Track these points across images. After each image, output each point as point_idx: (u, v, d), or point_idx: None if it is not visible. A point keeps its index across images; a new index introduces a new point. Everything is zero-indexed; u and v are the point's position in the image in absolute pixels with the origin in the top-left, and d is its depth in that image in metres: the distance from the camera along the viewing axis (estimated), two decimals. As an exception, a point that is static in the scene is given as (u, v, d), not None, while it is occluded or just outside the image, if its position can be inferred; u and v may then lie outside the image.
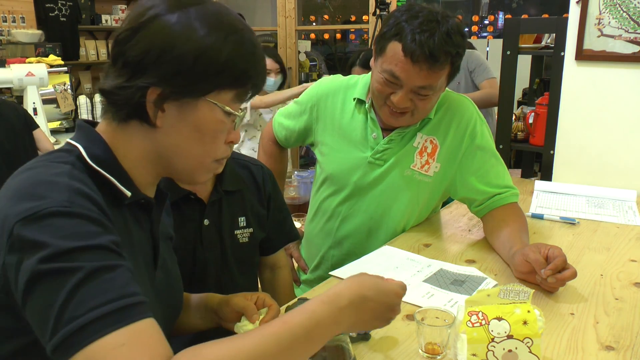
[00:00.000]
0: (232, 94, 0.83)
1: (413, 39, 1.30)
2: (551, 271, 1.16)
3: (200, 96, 0.81)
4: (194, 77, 0.79)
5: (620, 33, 1.98)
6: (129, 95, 0.79)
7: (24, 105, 3.40)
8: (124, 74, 0.79)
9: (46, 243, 0.67)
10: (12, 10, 5.32)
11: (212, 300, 1.10)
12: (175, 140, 0.83)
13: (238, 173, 1.33)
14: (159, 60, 0.77)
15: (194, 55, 0.78)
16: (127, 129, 0.83)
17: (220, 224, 1.28)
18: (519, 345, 0.88)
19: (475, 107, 1.57)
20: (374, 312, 0.85)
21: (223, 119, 0.84)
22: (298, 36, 5.51)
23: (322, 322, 0.77)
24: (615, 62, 2.01)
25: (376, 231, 1.57)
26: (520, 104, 3.80)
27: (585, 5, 2.02)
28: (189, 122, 0.82)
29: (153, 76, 0.78)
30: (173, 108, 0.80)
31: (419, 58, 1.31)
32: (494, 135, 2.72)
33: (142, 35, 0.78)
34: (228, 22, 0.82)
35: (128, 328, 0.66)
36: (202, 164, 0.87)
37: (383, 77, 1.39)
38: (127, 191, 0.82)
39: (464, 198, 1.57)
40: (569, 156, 2.17)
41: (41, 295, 0.67)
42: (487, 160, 1.52)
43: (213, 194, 1.27)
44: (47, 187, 0.72)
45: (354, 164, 1.56)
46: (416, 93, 1.38)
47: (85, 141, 0.82)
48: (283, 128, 1.74)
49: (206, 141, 0.84)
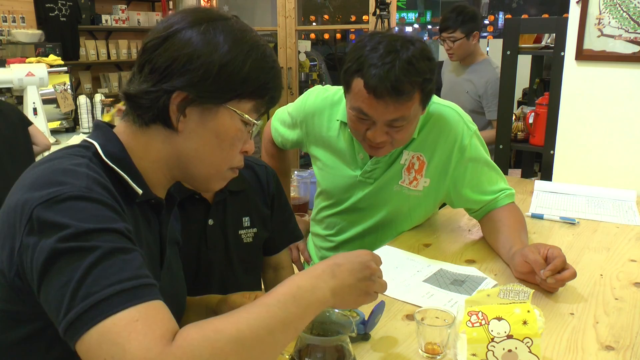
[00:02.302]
0: (251, 104, 0.87)
1: (374, 74, 1.24)
2: (550, 272, 1.16)
3: (222, 103, 0.85)
4: (218, 85, 0.83)
5: (620, 33, 1.98)
6: (155, 99, 0.83)
7: (24, 105, 3.40)
8: (150, 79, 0.83)
9: (65, 224, 0.70)
10: (12, 10, 5.32)
11: (211, 300, 1.11)
12: (195, 145, 0.86)
13: (242, 173, 1.33)
14: (186, 67, 0.82)
15: (219, 65, 0.82)
16: (147, 132, 0.86)
17: (224, 224, 1.28)
18: (518, 345, 0.88)
19: (463, 117, 1.51)
20: (351, 276, 0.86)
21: (241, 128, 0.88)
22: (298, 36, 5.51)
23: (302, 287, 0.80)
24: (615, 62, 2.01)
25: (370, 242, 1.59)
26: (520, 104, 3.80)
27: (585, 5, 2.02)
28: (209, 128, 0.85)
29: (179, 81, 0.82)
30: (195, 113, 0.84)
31: (382, 93, 1.24)
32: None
33: (170, 43, 0.83)
34: (251, 37, 0.87)
35: (142, 306, 0.68)
36: (218, 171, 0.90)
37: (354, 115, 1.35)
38: (139, 189, 0.85)
39: (461, 206, 1.59)
40: (569, 156, 2.17)
41: (58, 274, 0.69)
42: (479, 170, 1.50)
43: (217, 194, 1.27)
44: (67, 174, 0.76)
45: (346, 182, 1.57)
46: (390, 126, 1.33)
47: (102, 139, 0.86)
48: (279, 134, 1.74)
49: (224, 148, 0.88)
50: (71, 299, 0.67)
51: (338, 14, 8.19)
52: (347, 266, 0.87)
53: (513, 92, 2.62)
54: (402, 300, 1.18)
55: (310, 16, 8.12)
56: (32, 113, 3.36)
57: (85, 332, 0.66)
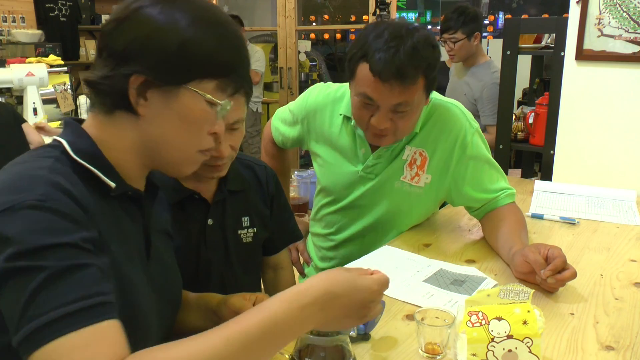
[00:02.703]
0: (213, 83, 0.84)
1: (379, 58, 1.27)
2: (551, 272, 1.16)
3: (182, 84, 0.82)
4: (176, 65, 0.80)
5: (620, 33, 1.98)
6: (113, 84, 0.80)
7: (24, 105, 3.40)
8: (109, 64, 0.81)
9: (14, 239, 0.67)
10: (12, 10, 5.33)
11: (211, 300, 1.10)
12: (160, 129, 0.84)
13: (242, 173, 1.33)
14: (143, 49, 0.79)
15: (177, 44, 0.79)
16: (113, 121, 0.84)
17: (224, 223, 1.28)
18: (519, 345, 0.88)
19: (465, 114, 1.52)
20: (345, 310, 0.79)
21: (206, 109, 0.84)
22: (298, 36, 5.51)
23: (279, 321, 0.74)
24: (615, 62, 2.01)
25: (370, 240, 1.59)
26: (520, 104, 3.80)
27: (585, 5, 2.02)
28: (173, 111, 0.83)
29: (136, 64, 0.79)
30: (156, 96, 0.82)
31: (388, 77, 1.27)
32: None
33: (127, 25, 0.80)
34: (212, 14, 0.84)
35: (89, 328, 0.66)
36: (187, 155, 0.88)
37: (359, 101, 1.36)
38: (112, 182, 0.82)
39: (462, 205, 1.59)
40: (569, 156, 2.17)
41: (9, 293, 0.67)
42: (480, 168, 1.51)
43: (217, 193, 1.27)
44: (27, 181, 0.73)
45: (347, 178, 1.57)
46: (394, 111, 1.34)
47: (71, 136, 0.84)
48: (279, 133, 1.75)
49: (191, 130, 0.85)
50: (19, 320, 0.66)
51: (338, 14, 8.19)
52: (342, 301, 0.78)
53: (513, 92, 2.62)
54: (402, 300, 1.18)
55: (310, 16, 8.12)
56: (32, 113, 3.36)
57: (32, 354, 0.65)
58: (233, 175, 1.28)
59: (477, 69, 3.00)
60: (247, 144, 5.16)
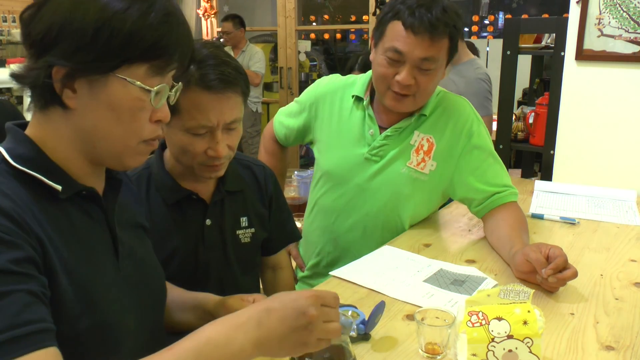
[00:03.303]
0: (144, 68, 0.77)
1: (412, 13, 1.37)
2: (552, 271, 1.16)
3: (107, 72, 0.75)
4: (96, 52, 0.73)
5: (620, 33, 1.98)
6: (37, 77, 0.75)
7: (24, 105, 3.40)
8: (31, 55, 0.75)
9: None
10: (12, 10, 5.33)
11: (208, 302, 1.10)
12: (92, 121, 0.78)
13: (240, 173, 1.33)
14: (59, 36, 0.73)
15: (93, 28, 0.72)
16: (49, 117, 0.79)
17: (222, 224, 1.28)
18: (519, 345, 0.88)
19: (473, 108, 1.59)
20: (282, 321, 0.73)
21: (139, 96, 0.78)
22: (298, 36, 5.51)
23: (213, 342, 0.71)
24: (615, 62, 2.01)
25: (372, 229, 1.57)
26: (520, 104, 3.81)
27: (585, 5, 2.02)
28: (102, 101, 0.77)
29: (55, 54, 0.73)
30: (84, 87, 0.76)
31: (419, 29, 1.36)
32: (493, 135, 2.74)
33: (45, 11, 0.74)
34: None
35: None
36: (127, 146, 0.81)
37: (385, 58, 1.43)
38: (57, 185, 0.78)
39: (464, 198, 1.57)
40: (569, 156, 2.17)
41: None
42: (484, 159, 1.53)
43: (215, 194, 1.27)
44: None
45: (350, 161, 1.57)
46: (419, 68, 1.41)
47: (11, 143, 0.79)
48: (283, 127, 1.77)
49: (124, 120, 0.79)
50: None
51: (338, 14, 8.20)
52: (278, 313, 0.73)
53: (513, 92, 2.62)
54: (402, 300, 1.18)
55: (310, 16, 8.13)
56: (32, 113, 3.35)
57: None
58: (231, 175, 1.28)
59: (461, 66, 3.11)
60: (247, 144, 5.16)
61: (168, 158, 1.26)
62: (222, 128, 1.14)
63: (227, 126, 1.15)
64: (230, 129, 1.16)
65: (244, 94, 1.18)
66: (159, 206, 1.22)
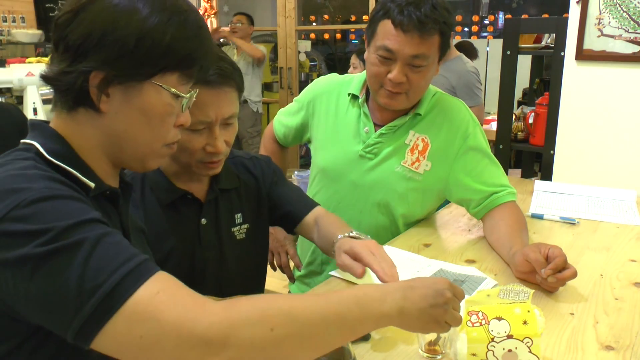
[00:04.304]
0: (176, 75, 0.82)
1: (401, 11, 1.38)
2: (551, 271, 1.16)
3: (144, 79, 0.79)
4: (136, 60, 0.77)
5: (620, 33, 1.98)
6: (72, 81, 0.77)
7: (24, 105, 3.40)
8: (65, 58, 0.77)
9: (40, 230, 0.66)
10: (12, 10, 5.33)
11: None
12: (123, 125, 0.81)
13: (233, 171, 1.33)
14: (100, 43, 0.76)
15: (136, 38, 0.76)
16: (76, 118, 0.81)
17: (217, 222, 1.28)
18: (518, 345, 0.88)
19: (469, 110, 1.59)
20: (424, 298, 0.83)
21: (170, 102, 0.82)
22: (298, 36, 5.51)
23: (368, 294, 0.79)
24: (615, 62, 2.01)
25: (366, 227, 1.57)
26: (520, 104, 3.81)
27: (585, 5, 2.02)
28: (136, 106, 0.80)
29: (95, 60, 0.76)
30: (118, 92, 0.79)
31: (409, 27, 1.37)
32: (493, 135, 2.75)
33: (83, 17, 0.76)
34: (171, 3, 0.80)
35: (154, 279, 0.68)
36: (152, 150, 0.85)
37: (377, 56, 1.44)
38: (91, 182, 0.80)
39: (461, 199, 1.57)
40: (569, 156, 2.17)
41: (48, 280, 0.65)
42: (480, 160, 1.53)
43: (209, 192, 1.27)
44: (18, 180, 0.71)
45: (344, 158, 1.58)
46: (410, 65, 1.42)
47: (41, 138, 0.81)
48: (282, 125, 1.78)
49: (154, 125, 0.82)
50: (78, 297, 0.64)
51: (338, 14, 8.20)
52: (421, 290, 0.83)
53: (513, 92, 2.62)
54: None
55: (310, 16, 8.13)
56: (32, 113, 3.36)
57: (107, 322, 0.64)
58: (224, 173, 1.28)
59: (450, 62, 3.24)
60: (248, 144, 5.16)
61: None
62: (219, 123, 1.15)
63: (224, 121, 1.15)
64: (227, 124, 1.17)
65: (240, 90, 1.18)
66: (154, 206, 1.22)
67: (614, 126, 2.06)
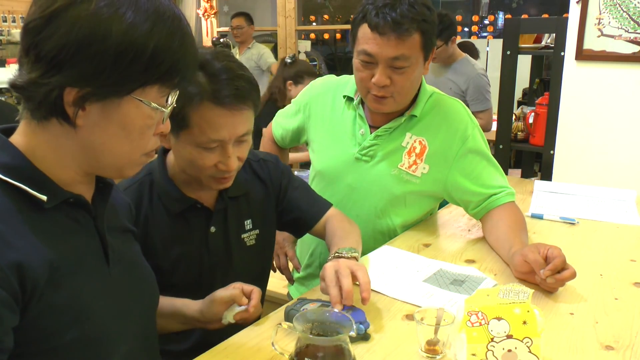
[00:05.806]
0: (156, 87, 0.77)
1: (376, 14, 1.36)
2: (550, 271, 1.16)
3: (124, 95, 0.74)
4: (115, 76, 0.72)
5: (620, 33, 1.98)
6: (45, 94, 0.71)
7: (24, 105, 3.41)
8: (37, 68, 0.71)
9: None
10: (12, 10, 5.33)
11: (189, 308, 1.11)
12: (100, 139, 0.77)
13: (241, 176, 1.30)
14: (76, 58, 0.70)
15: (115, 52, 0.70)
16: (48, 128, 0.76)
17: (227, 229, 1.26)
18: (518, 345, 0.88)
19: (468, 111, 1.57)
20: None
21: (150, 114, 0.78)
22: (298, 36, 5.51)
23: None
24: (615, 62, 2.01)
25: (363, 231, 1.55)
26: (520, 104, 3.81)
27: (585, 5, 2.02)
28: (114, 121, 0.76)
29: (70, 75, 0.70)
30: (95, 107, 0.74)
31: (384, 29, 1.35)
32: (493, 135, 2.75)
33: (56, 25, 0.70)
34: (154, 9, 0.74)
35: None
36: (130, 160, 0.82)
37: (359, 61, 1.43)
38: (42, 196, 0.75)
39: (460, 200, 1.56)
40: (569, 156, 2.17)
41: None
42: (478, 162, 1.52)
43: (219, 201, 1.25)
44: None
45: (341, 161, 1.57)
46: (392, 67, 1.40)
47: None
48: (280, 127, 1.77)
49: (133, 138, 0.79)
50: None
51: (338, 14, 8.20)
52: None
53: (513, 92, 2.62)
54: (402, 300, 1.18)
55: (310, 16, 8.13)
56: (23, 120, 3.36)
57: None
58: (234, 181, 1.26)
59: (457, 65, 3.25)
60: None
61: (171, 165, 1.23)
62: (234, 141, 1.12)
63: (238, 139, 1.13)
64: (241, 142, 1.14)
65: (256, 107, 1.14)
66: (162, 214, 1.20)
67: (614, 126, 2.06)
